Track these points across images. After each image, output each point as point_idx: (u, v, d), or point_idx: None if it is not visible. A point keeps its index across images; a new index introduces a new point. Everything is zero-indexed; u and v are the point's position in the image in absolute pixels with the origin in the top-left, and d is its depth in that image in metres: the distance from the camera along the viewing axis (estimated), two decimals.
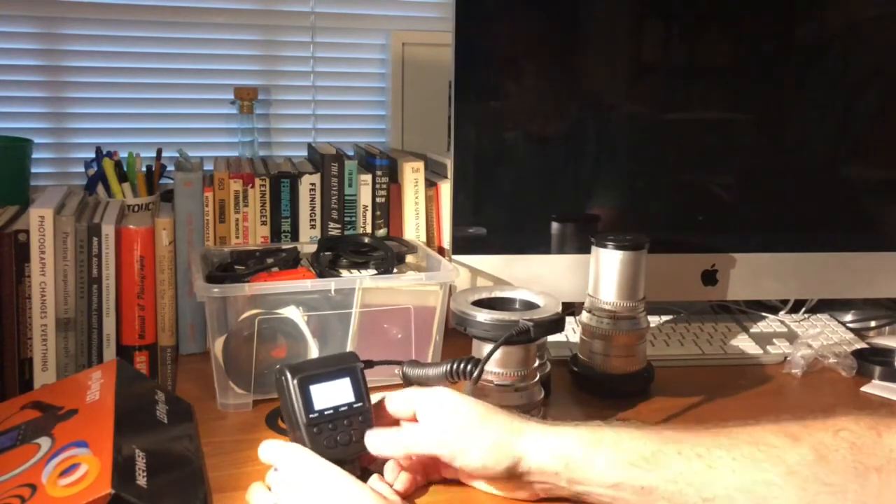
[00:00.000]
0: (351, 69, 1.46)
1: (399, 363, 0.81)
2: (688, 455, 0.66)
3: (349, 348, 0.95)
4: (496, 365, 0.83)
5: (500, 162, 1.10)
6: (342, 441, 0.73)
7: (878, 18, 1.15)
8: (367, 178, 1.13)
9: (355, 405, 0.75)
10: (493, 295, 0.90)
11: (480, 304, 0.87)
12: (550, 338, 1.01)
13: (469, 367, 0.76)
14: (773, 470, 0.64)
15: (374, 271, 1.01)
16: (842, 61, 1.15)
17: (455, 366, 0.76)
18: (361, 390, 0.76)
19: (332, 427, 0.73)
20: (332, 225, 1.13)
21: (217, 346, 0.91)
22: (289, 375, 0.73)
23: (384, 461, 0.75)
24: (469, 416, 0.71)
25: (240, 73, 1.40)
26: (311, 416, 0.72)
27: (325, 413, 0.73)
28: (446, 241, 1.17)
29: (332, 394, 0.74)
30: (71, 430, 0.73)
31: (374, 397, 0.83)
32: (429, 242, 1.18)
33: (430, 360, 0.99)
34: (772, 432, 0.66)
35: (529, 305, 0.88)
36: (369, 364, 0.78)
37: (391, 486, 0.73)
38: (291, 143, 1.44)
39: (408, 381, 0.80)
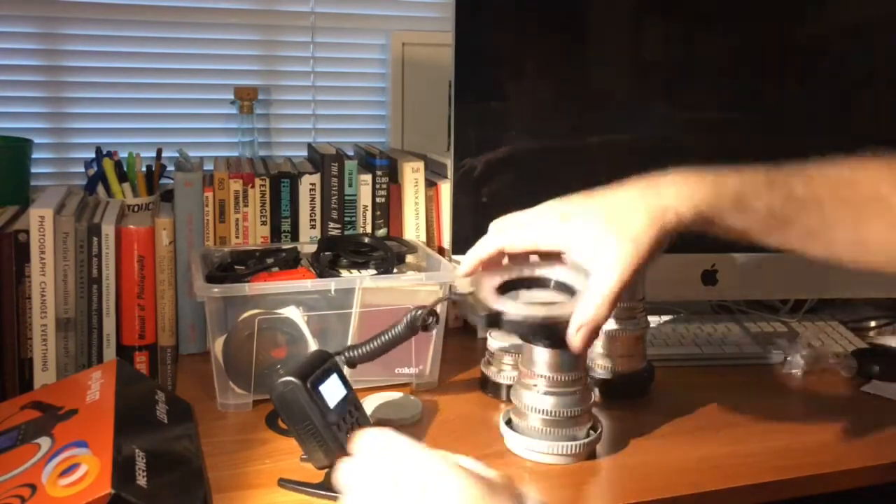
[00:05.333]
0: (351, 69, 1.46)
1: (340, 352, 0.82)
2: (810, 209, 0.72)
3: None
4: (548, 369, 0.80)
5: (500, 162, 1.10)
6: (355, 430, 0.74)
7: (877, 18, 1.15)
8: (367, 178, 1.13)
9: (349, 396, 0.76)
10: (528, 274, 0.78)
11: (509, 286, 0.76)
12: None
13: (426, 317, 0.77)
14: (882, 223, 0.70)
15: (374, 271, 1.01)
16: (842, 61, 1.15)
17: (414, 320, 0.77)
18: (347, 381, 0.77)
19: (344, 421, 0.74)
20: (332, 225, 1.13)
21: (217, 346, 0.91)
22: (298, 382, 0.72)
23: None
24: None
25: (240, 73, 1.40)
26: (330, 416, 0.73)
27: (336, 409, 0.74)
28: (446, 241, 1.17)
29: (333, 391, 0.75)
30: (71, 430, 0.73)
31: (373, 398, 0.82)
32: (429, 242, 1.18)
33: (430, 360, 0.99)
34: (883, 180, 0.70)
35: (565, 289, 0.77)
36: (338, 354, 0.81)
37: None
38: (291, 143, 1.44)
39: (353, 364, 0.81)
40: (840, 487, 0.83)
